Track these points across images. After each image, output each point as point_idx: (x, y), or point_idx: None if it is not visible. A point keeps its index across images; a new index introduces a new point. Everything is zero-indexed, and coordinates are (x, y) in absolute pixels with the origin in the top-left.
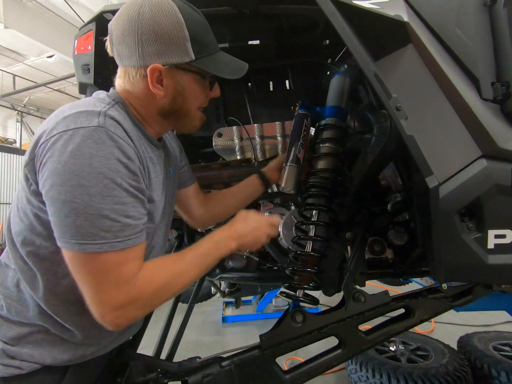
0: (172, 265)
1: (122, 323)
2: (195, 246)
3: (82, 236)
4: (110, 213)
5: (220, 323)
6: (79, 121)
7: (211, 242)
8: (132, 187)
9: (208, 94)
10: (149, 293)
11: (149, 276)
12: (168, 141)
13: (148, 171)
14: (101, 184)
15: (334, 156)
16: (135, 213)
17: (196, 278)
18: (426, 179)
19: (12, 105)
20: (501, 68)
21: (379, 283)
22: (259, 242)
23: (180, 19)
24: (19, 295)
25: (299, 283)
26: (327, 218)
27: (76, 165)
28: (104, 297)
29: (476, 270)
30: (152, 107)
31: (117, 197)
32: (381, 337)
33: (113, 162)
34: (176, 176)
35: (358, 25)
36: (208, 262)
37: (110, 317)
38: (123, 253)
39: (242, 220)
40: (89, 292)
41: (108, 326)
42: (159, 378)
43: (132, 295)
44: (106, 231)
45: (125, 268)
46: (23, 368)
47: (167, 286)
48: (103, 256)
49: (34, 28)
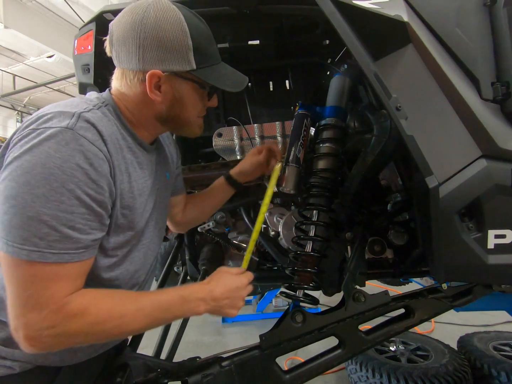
0: (119, 303)
1: (34, 347)
2: (157, 293)
3: (13, 238)
4: (51, 219)
5: (220, 323)
6: (51, 121)
7: (178, 297)
8: (89, 197)
9: (206, 104)
10: (76, 325)
11: (84, 305)
12: (167, 146)
13: (129, 177)
14: (49, 186)
15: (334, 156)
16: (82, 226)
17: (141, 330)
18: (426, 179)
19: (12, 105)
20: (501, 68)
21: (379, 283)
22: (234, 308)
23: (184, 27)
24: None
25: (299, 283)
26: (327, 218)
27: (30, 162)
28: (21, 312)
29: (476, 270)
30: (148, 111)
31: (64, 204)
32: (381, 337)
33: (69, 165)
34: (172, 182)
35: (358, 25)
36: (164, 318)
37: (22, 335)
38: (55, 267)
39: (219, 280)
40: (10, 299)
41: (20, 344)
42: (159, 378)
43: (52, 320)
44: (39, 238)
45: (54, 286)
46: (15, 368)
47: (101, 326)
48: (31, 266)
49: (34, 28)
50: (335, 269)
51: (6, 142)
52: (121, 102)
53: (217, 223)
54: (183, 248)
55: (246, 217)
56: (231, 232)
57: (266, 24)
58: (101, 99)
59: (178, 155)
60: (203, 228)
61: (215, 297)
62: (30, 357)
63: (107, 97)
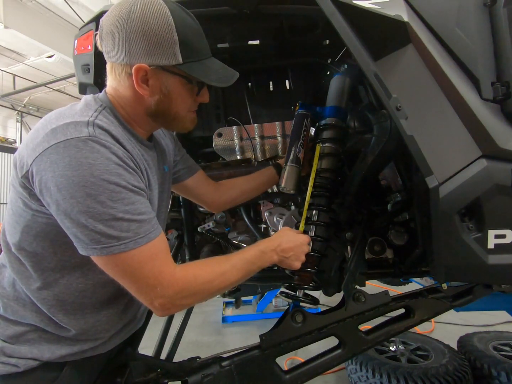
0: (217, 264)
1: (171, 310)
2: (241, 252)
3: (106, 240)
4: (124, 214)
5: (220, 323)
6: (69, 132)
7: (257, 251)
8: (135, 187)
9: (196, 99)
10: (193, 287)
11: (192, 271)
12: (162, 138)
13: (147, 173)
14: (108, 190)
15: (334, 156)
16: (145, 209)
17: (238, 281)
18: (426, 179)
19: (12, 105)
20: (501, 68)
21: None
22: (298, 260)
23: (170, 21)
24: (15, 295)
25: (299, 283)
26: (327, 218)
27: (79, 176)
28: (148, 290)
29: (476, 270)
30: (139, 107)
31: (126, 198)
32: (381, 337)
33: (112, 167)
34: (171, 173)
35: (358, 25)
36: (251, 269)
37: (158, 304)
38: (149, 247)
39: (285, 236)
40: (133, 288)
41: (159, 312)
42: (159, 378)
43: (175, 286)
44: (126, 231)
45: (157, 263)
46: (20, 366)
47: (211, 283)
48: (132, 254)
49: (34, 28)
50: (335, 269)
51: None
52: (116, 101)
53: (217, 223)
54: (183, 248)
55: (246, 217)
56: (231, 232)
57: (266, 24)
58: (99, 102)
59: (175, 141)
60: (203, 228)
61: (284, 249)
62: (37, 353)
63: (103, 98)
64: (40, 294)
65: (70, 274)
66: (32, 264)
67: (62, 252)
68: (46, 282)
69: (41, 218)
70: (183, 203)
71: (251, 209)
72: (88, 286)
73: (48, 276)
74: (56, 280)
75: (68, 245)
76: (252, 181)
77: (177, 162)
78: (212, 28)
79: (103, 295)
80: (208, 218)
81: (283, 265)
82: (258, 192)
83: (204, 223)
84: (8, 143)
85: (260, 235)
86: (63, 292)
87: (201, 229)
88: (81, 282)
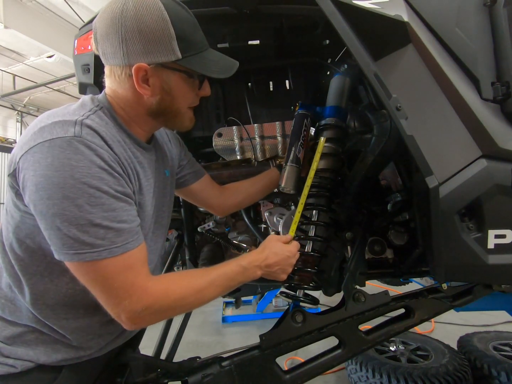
0: (194, 279)
1: (139, 325)
2: (221, 266)
3: (79, 246)
4: (102, 221)
5: (220, 323)
6: (55, 131)
7: (239, 267)
8: (119, 192)
9: (198, 93)
10: (165, 303)
11: (166, 285)
12: (165, 143)
13: (138, 176)
14: (87, 194)
15: (334, 156)
16: (127, 217)
17: (214, 298)
18: (426, 179)
19: (12, 105)
20: (501, 68)
21: (379, 283)
22: (284, 273)
23: (165, 16)
24: (12, 296)
25: (299, 283)
26: (327, 218)
27: (59, 177)
28: (116, 302)
29: (476, 270)
30: (140, 107)
31: (106, 204)
32: (381, 337)
33: (95, 170)
34: (173, 178)
35: (358, 25)
36: (230, 285)
37: (125, 318)
38: (124, 257)
39: (272, 248)
40: (102, 299)
41: (125, 326)
42: (159, 378)
43: (145, 301)
44: (101, 238)
45: (130, 274)
46: (17, 366)
47: (185, 300)
48: (104, 263)
49: (34, 28)
50: (335, 269)
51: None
52: (115, 102)
53: (217, 223)
54: (183, 248)
55: (246, 217)
56: (231, 232)
57: (266, 24)
58: (96, 102)
59: (182, 145)
60: (203, 228)
61: (268, 264)
62: (33, 356)
63: (102, 99)
64: (30, 299)
65: (59, 278)
66: (20, 268)
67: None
68: (35, 286)
69: (29, 219)
70: (183, 203)
71: (251, 209)
72: (77, 292)
73: (37, 281)
74: (44, 285)
75: None
76: (257, 184)
77: (183, 167)
78: (212, 28)
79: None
80: (208, 218)
81: (269, 278)
82: (263, 194)
83: (204, 223)
84: (8, 143)
85: (260, 235)
86: (52, 297)
87: (201, 229)
88: (71, 287)
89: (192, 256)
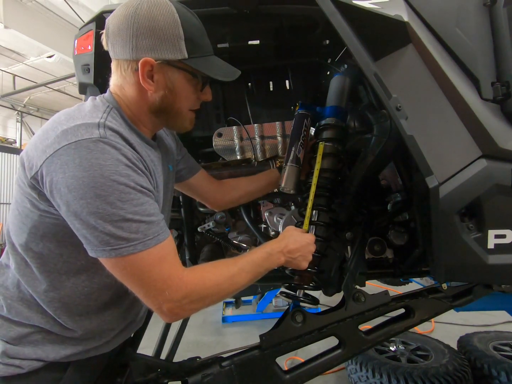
0: (225, 267)
1: (180, 315)
2: (248, 254)
3: (115, 242)
4: (133, 215)
5: (220, 323)
6: (79, 133)
7: (264, 253)
8: (144, 188)
9: (200, 96)
10: (202, 290)
11: (200, 274)
12: (165, 138)
13: (154, 174)
14: (117, 191)
15: (334, 156)
16: (154, 210)
17: (246, 284)
18: (426, 179)
19: (12, 105)
20: (501, 68)
21: (379, 283)
22: (305, 260)
23: (176, 18)
24: (20, 296)
25: (299, 283)
26: (327, 218)
27: (89, 177)
28: (156, 294)
29: (476, 270)
30: (143, 104)
31: (135, 199)
32: (381, 337)
33: (122, 168)
34: (174, 172)
35: (358, 25)
36: (259, 272)
37: (167, 309)
38: (158, 249)
39: (291, 237)
40: (141, 292)
41: (166, 318)
42: (159, 378)
43: (184, 290)
44: (135, 232)
45: (166, 265)
46: (24, 367)
47: (220, 286)
48: (140, 256)
49: (34, 28)
50: (335, 269)
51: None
52: (122, 100)
53: (217, 223)
54: (183, 248)
55: (246, 217)
56: (231, 232)
57: (266, 24)
58: (106, 103)
59: (177, 140)
60: (203, 228)
61: (290, 250)
62: (41, 354)
63: (109, 98)
64: (46, 296)
65: (76, 276)
66: (38, 266)
67: (68, 254)
68: (52, 284)
69: (48, 219)
70: (183, 203)
71: (251, 209)
72: (93, 290)
73: (54, 279)
74: (61, 283)
75: (74, 247)
76: (256, 183)
77: (179, 162)
78: (212, 28)
79: (108, 297)
80: (208, 218)
81: (291, 266)
82: (261, 193)
83: (204, 223)
84: (8, 143)
85: (260, 235)
86: (68, 295)
87: (201, 229)
88: (87, 285)
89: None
